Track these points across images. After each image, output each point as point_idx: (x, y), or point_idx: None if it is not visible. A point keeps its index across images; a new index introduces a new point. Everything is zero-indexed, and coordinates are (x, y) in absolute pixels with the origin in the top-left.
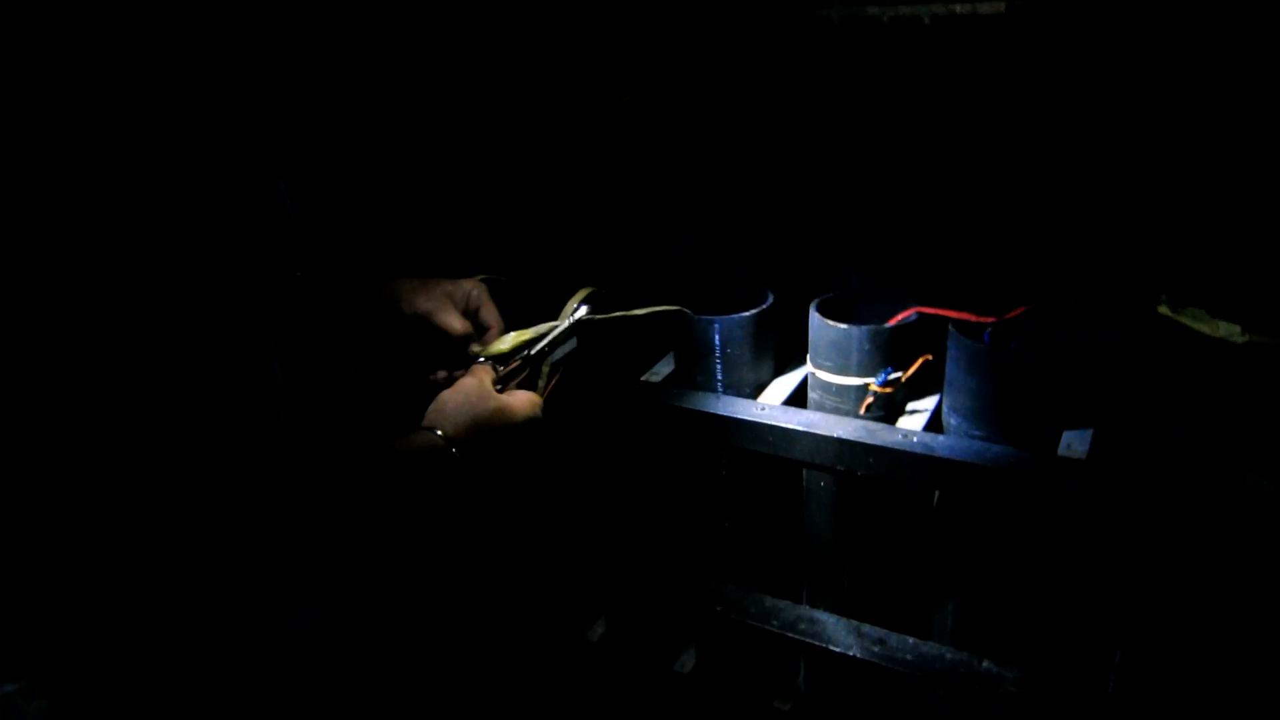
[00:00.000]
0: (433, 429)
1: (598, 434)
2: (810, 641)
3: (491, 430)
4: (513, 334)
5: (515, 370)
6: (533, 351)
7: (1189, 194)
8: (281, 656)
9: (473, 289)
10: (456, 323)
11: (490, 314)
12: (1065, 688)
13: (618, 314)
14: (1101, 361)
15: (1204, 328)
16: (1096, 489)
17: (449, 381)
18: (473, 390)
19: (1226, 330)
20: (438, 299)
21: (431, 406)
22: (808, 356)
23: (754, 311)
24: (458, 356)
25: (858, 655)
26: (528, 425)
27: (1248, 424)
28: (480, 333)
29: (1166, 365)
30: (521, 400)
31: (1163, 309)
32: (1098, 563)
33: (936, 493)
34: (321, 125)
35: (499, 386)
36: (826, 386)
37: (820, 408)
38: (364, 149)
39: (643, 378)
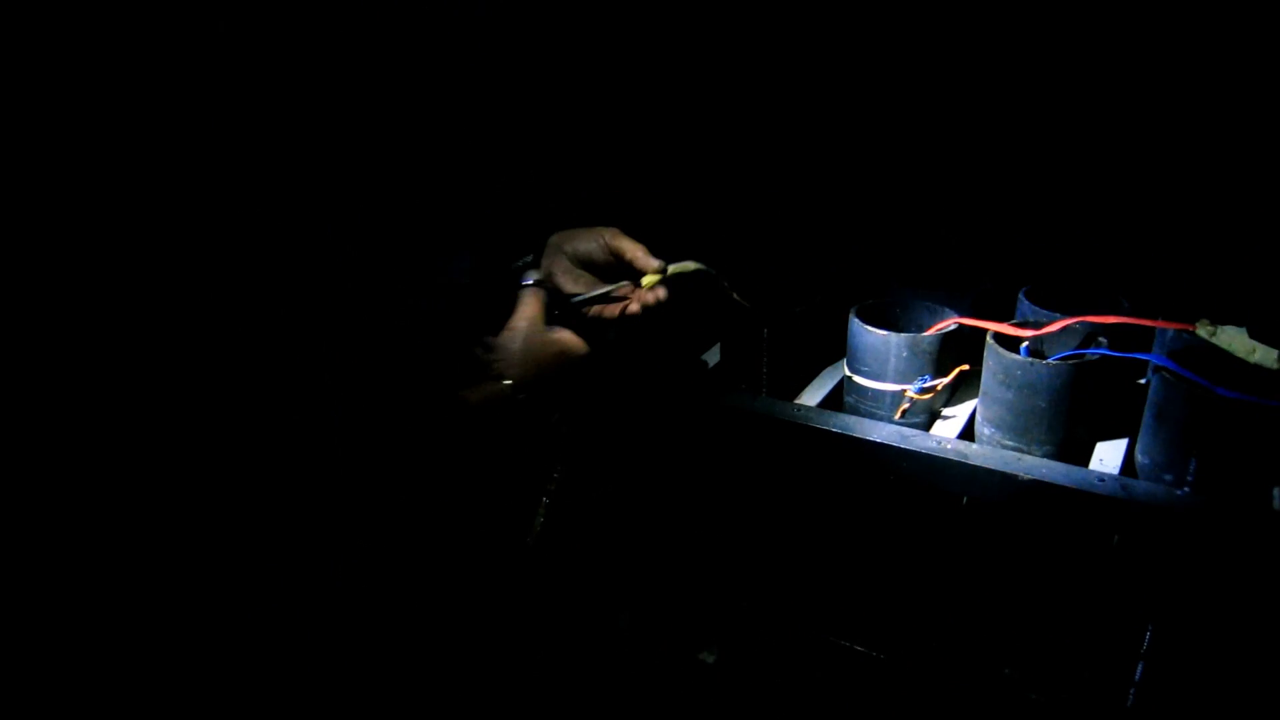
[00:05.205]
0: (500, 377)
1: (646, 422)
2: (832, 640)
3: (553, 371)
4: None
5: (586, 303)
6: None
7: (1233, 221)
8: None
9: (607, 231)
10: (638, 248)
11: (632, 244)
12: (1086, 700)
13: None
14: (1136, 378)
15: (1239, 351)
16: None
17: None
18: (532, 332)
19: (1263, 355)
20: (598, 232)
21: (492, 354)
22: (844, 360)
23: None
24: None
25: (880, 656)
26: (581, 362)
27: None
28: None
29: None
30: (573, 338)
31: (1201, 330)
32: (1123, 582)
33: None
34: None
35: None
36: (863, 391)
37: (855, 411)
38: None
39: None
